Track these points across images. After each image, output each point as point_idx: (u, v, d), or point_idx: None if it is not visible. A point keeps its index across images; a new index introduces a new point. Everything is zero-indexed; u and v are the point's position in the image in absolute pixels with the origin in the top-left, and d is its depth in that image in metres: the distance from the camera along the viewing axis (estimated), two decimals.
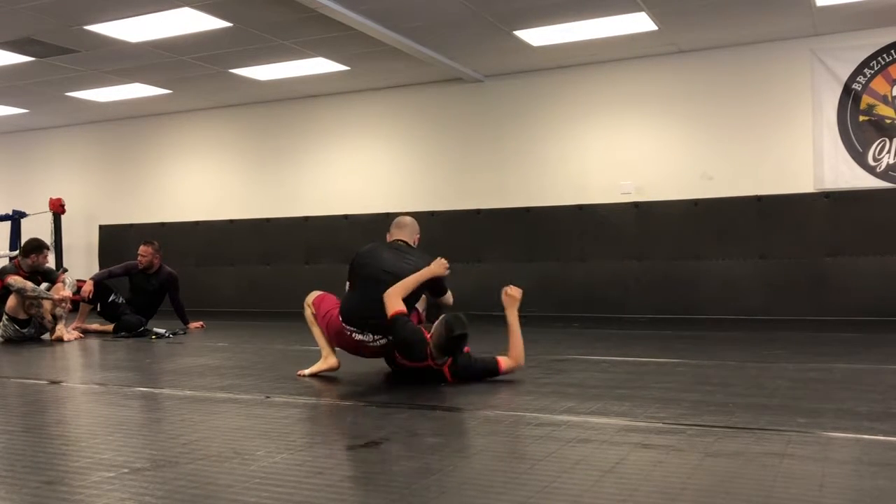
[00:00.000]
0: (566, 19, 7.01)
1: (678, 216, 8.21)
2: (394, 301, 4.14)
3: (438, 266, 4.39)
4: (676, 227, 8.22)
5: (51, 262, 9.82)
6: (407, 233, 4.73)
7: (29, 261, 7.00)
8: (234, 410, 3.65)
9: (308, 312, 4.67)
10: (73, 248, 11.39)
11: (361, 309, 4.32)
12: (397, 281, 4.23)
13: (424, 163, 9.51)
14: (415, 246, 4.72)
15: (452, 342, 4.04)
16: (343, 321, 4.39)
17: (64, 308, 6.98)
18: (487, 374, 4.27)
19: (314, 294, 4.74)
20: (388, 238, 4.71)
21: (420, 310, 4.65)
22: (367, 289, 4.31)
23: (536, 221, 8.82)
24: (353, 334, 4.36)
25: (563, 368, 4.73)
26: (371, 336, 4.32)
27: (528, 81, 8.92)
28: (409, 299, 4.29)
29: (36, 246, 7.09)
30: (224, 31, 7.13)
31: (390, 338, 4.22)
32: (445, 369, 4.18)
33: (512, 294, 4.43)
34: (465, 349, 4.29)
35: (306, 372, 4.57)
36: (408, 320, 4.12)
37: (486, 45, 7.79)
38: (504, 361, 4.29)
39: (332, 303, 4.60)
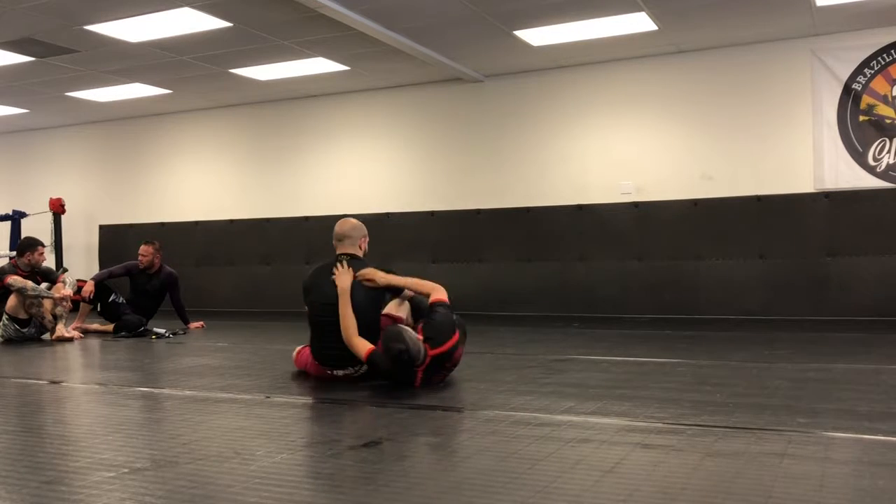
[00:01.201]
0: (566, 19, 7.01)
1: (678, 216, 8.21)
2: (356, 343, 4.10)
3: (340, 282, 4.19)
4: (676, 227, 8.22)
5: (50, 262, 9.87)
6: (348, 244, 4.46)
7: (25, 259, 7.00)
8: (234, 410, 3.65)
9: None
10: (73, 248, 11.39)
11: (331, 349, 4.26)
12: (334, 312, 4.16)
13: (424, 163, 9.51)
14: (363, 253, 4.51)
15: (395, 361, 3.93)
16: (321, 364, 4.36)
17: (64, 307, 6.99)
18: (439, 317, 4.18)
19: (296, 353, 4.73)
20: (336, 250, 4.52)
21: (405, 315, 4.57)
22: (324, 329, 4.25)
23: (536, 221, 8.82)
24: (335, 371, 4.35)
25: (563, 368, 4.73)
26: (352, 368, 4.30)
27: (528, 81, 8.92)
28: (366, 319, 4.17)
29: (30, 244, 7.10)
30: (224, 31, 7.13)
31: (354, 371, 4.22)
32: (429, 351, 4.05)
33: (372, 276, 4.30)
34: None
35: None
36: (380, 356, 4.02)
37: (486, 45, 7.79)
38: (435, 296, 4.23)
39: (306, 353, 4.54)
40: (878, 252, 7.47)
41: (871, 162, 7.54)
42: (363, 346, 4.10)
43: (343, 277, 4.26)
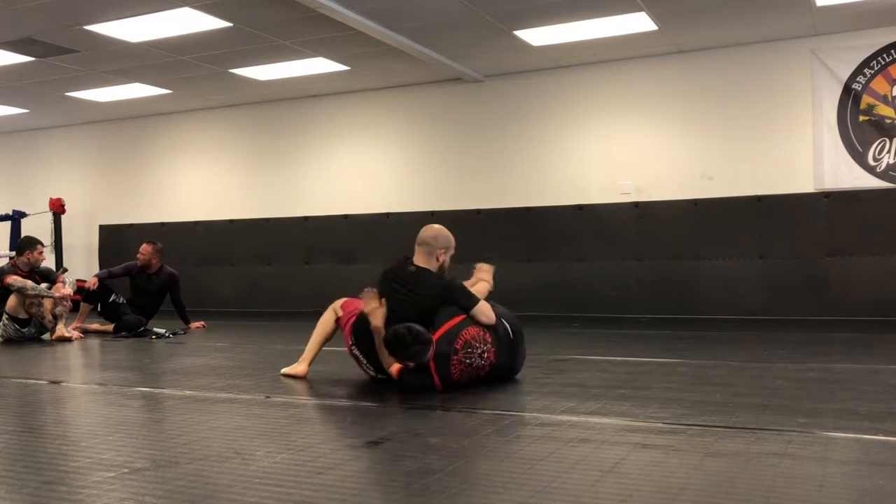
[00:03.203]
0: (566, 19, 7.01)
1: (678, 216, 8.21)
2: (391, 368, 4.01)
3: (372, 319, 3.99)
4: (676, 227, 8.22)
5: (50, 262, 9.87)
6: (423, 253, 4.19)
7: (24, 258, 7.00)
8: (234, 410, 3.65)
9: (328, 313, 4.47)
10: (73, 248, 11.39)
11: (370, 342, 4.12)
12: (392, 321, 3.96)
13: (424, 163, 9.51)
14: (440, 265, 4.20)
15: (400, 340, 3.82)
16: (352, 330, 4.23)
17: (65, 307, 6.99)
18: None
19: (344, 299, 4.55)
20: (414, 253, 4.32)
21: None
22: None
23: (536, 221, 8.82)
24: (353, 349, 4.27)
25: (563, 368, 4.73)
26: (366, 360, 4.20)
27: (528, 81, 8.92)
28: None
29: (29, 242, 7.11)
30: (224, 31, 7.13)
31: (381, 377, 4.13)
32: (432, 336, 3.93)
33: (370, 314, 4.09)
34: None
35: (283, 371, 4.59)
36: (407, 373, 3.94)
37: (486, 45, 7.79)
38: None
39: (357, 306, 4.36)
40: (878, 252, 7.47)
41: (871, 162, 7.54)
42: (395, 369, 4.00)
43: (375, 315, 4.03)
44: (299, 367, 4.52)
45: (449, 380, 3.91)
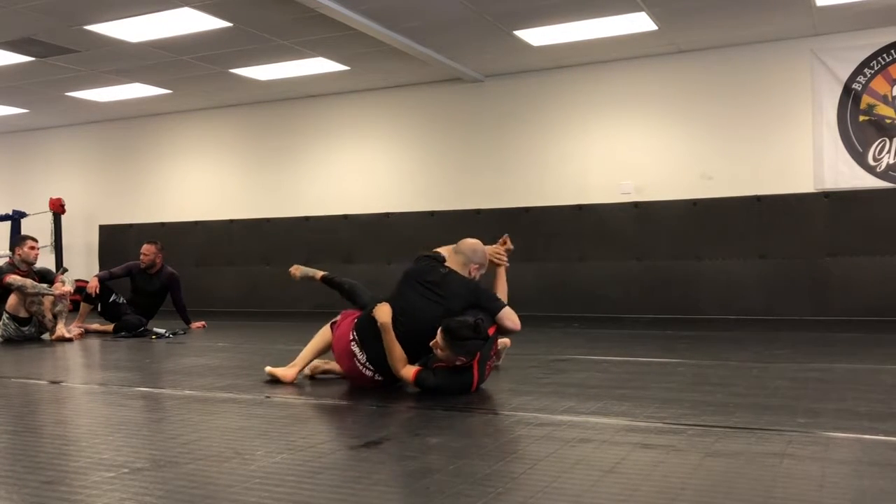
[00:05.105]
0: (566, 19, 7.01)
1: (678, 216, 8.21)
2: (404, 374, 3.89)
3: (380, 316, 3.93)
4: (676, 227, 8.22)
5: (50, 262, 9.87)
6: (457, 262, 4.20)
7: (17, 255, 7.02)
8: (234, 410, 3.65)
9: (326, 327, 4.36)
10: (73, 248, 11.39)
11: (376, 331, 3.98)
12: (410, 323, 3.92)
13: (424, 163, 9.51)
14: (471, 276, 4.21)
15: (459, 348, 3.74)
16: (355, 325, 4.09)
17: (65, 305, 6.99)
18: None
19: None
20: (447, 256, 4.26)
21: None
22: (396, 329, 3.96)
23: (536, 221, 8.82)
24: (353, 344, 4.07)
25: (563, 368, 4.73)
26: (364, 356, 4.03)
27: (528, 81, 8.92)
28: (416, 343, 3.91)
29: (18, 238, 7.18)
30: (224, 31, 7.13)
31: (379, 378, 4.03)
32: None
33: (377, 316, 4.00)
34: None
35: (270, 370, 4.40)
36: (428, 373, 3.84)
37: (486, 45, 7.79)
38: None
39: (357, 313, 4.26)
40: (878, 252, 7.47)
41: (871, 162, 7.54)
42: (409, 372, 3.88)
43: (382, 311, 3.97)
44: (289, 372, 4.35)
45: (481, 381, 3.93)
